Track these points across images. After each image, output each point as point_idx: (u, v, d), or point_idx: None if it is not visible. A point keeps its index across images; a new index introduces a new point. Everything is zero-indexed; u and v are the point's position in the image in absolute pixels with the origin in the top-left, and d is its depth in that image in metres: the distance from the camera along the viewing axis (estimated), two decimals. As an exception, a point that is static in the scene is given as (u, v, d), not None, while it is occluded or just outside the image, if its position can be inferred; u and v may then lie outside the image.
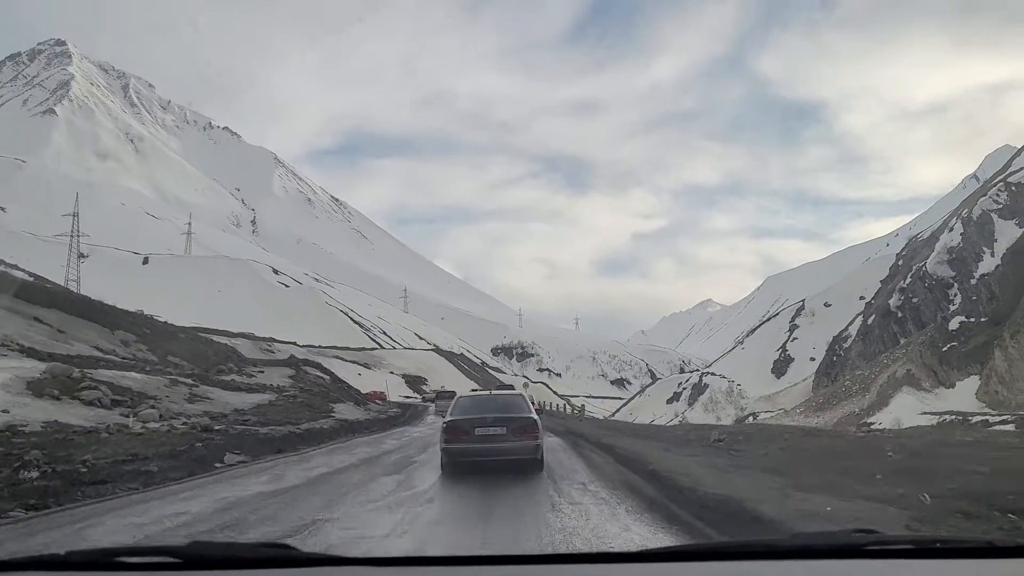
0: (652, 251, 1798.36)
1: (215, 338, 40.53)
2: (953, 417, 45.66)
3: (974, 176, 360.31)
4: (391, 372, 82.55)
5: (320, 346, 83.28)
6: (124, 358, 25.92)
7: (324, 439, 19.89)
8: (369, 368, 79.58)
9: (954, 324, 61.04)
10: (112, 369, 21.32)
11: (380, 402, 43.95)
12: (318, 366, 41.04)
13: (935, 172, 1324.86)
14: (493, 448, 12.32)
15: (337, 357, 77.57)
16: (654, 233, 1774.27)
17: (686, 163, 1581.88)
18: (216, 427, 15.26)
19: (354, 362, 79.44)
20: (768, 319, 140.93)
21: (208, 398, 20.90)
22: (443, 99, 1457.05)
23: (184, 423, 15.21)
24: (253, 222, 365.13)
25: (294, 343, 75.78)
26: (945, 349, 59.30)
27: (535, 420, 12.97)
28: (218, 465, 12.68)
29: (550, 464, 13.29)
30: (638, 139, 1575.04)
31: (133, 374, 21.25)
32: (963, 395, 54.59)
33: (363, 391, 58.81)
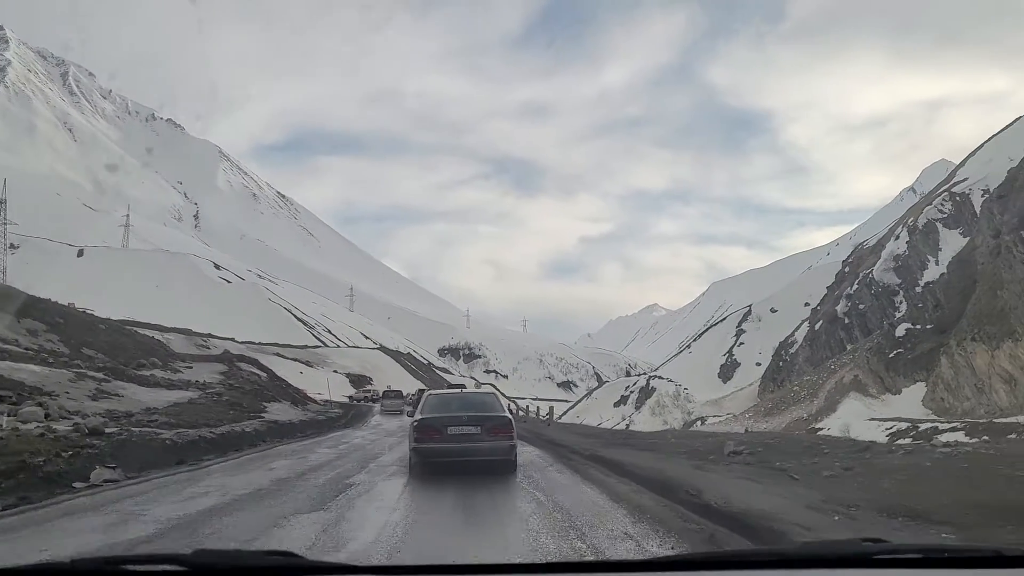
0: (599, 255, 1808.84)
1: (146, 332, 37.75)
2: (903, 424, 45.41)
3: (911, 189, 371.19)
4: (335, 371, 79.89)
5: (260, 343, 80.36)
6: (27, 348, 23.40)
7: (242, 446, 16.81)
8: (312, 366, 76.86)
9: (900, 331, 61.20)
10: (7, 360, 19.08)
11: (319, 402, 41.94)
12: (255, 363, 38.42)
13: (874, 184, 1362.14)
14: (467, 448, 12.01)
15: (278, 355, 74.71)
16: (601, 237, 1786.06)
17: (633, 169, 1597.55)
18: (108, 430, 12.76)
19: (295, 360, 76.56)
20: (715, 324, 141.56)
21: (118, 395, 18.71)
22: (393, 98, 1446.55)
23: (73, 425, 13.06)
24: (196, 216, 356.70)
25: (232, 339, 72.91)
26: (892, 355, 59.38)
27: (510, 419, 12.77)
28: (77, 486, 9.71)
29: (555, 495, 9.85)
30: (587, 144, 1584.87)
31: (31, 366, 18.99)
32: (909, 401, 54.62)
33: (307, 390, 56.46)
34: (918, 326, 60.68)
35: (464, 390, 16.66)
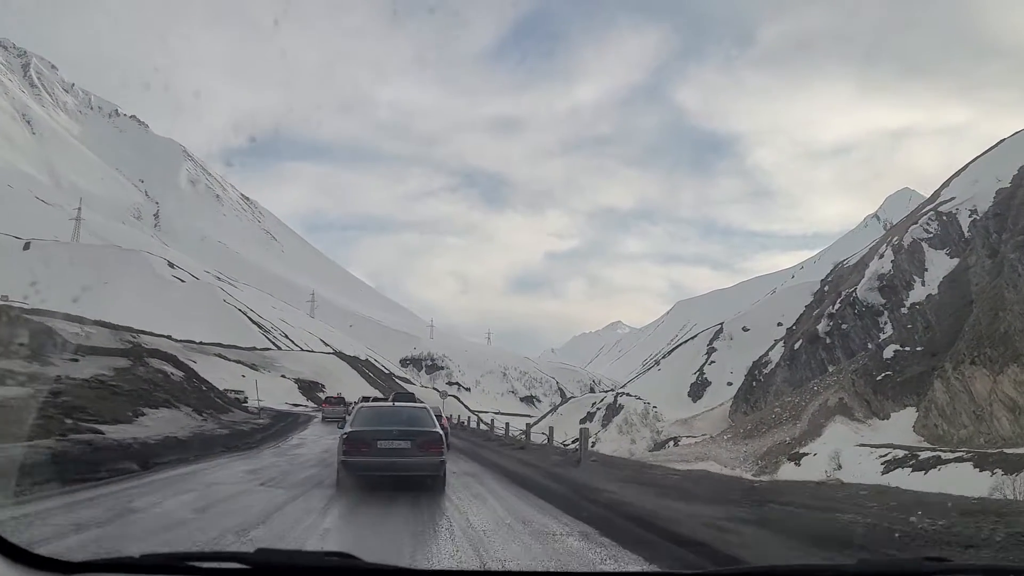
0: (565, 271, 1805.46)
1: (52, 322, 32.44)
2: (898, 452, 41.93)
3: (875, 216, 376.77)
4: (283, 376, 74.42)
5: (201, 343, 74.94)
6: None
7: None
8: (257, 370, 71.17)
9: (888, 352, 58.07)
10: None
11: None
12: (172, 360, 32.90)
13: (837, 210, 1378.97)
14: (396, 463, 11.95)
15: (220, 355, 69.17)
16: (567, 253, 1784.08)
17: (601, 186, 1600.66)
18: None
19: (239, 362, 70.64)
20: (685, 341, 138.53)
21: None
22: (364, 107, 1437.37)
23: None
24: (156, 216, 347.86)
25: (169, 337, 67.44)
26: (879, 378, 56.20)
27: (440, 435, 12.75)
28: None
29: None
30: (556, 160, 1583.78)
31: None
32: (899, 427, 51.35)
33: (246, 395, 50.95)
34: (907, 348, 57.62)
35: (397, 404, 16.07)
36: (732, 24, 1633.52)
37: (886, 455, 42.41)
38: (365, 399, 38.90)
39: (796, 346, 75.87)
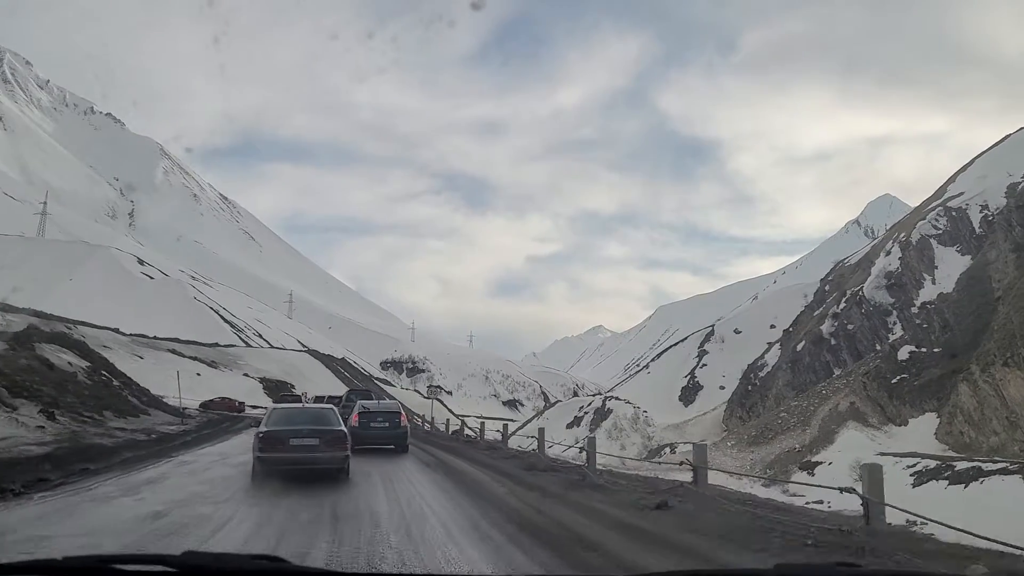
0: (546, 275, 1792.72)
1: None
2: (929, 461, 37.81)
3: (856, 221, 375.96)
4: (246, 374, 68.65)
5: (155, 337, 69.54)
6: None
7: None
8: (217, 368, 65.43)
9: (903, 354, 54.15)
10: None
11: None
12: (79, 347, 26.92)
13: (818, 216, 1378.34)
14: (307, 457, 12.97)
15: (174, 351, 63.45)
16: (549, 257, 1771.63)
17: (584, 190, 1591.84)
18: None
19: (196, 359, 64.66)
20: (675, 344, 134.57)
21: None
22: (345, 108, 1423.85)
23: None
24: (131, 214, 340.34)
25: (116, 330, 62.05)
26: (894, 382, 52.27)
27: (345, 433, 13.86)
28: None
29: None
30: (538, 164, 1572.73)
31: None
32: (919, 434, 47.31)
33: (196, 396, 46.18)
34: (923, 349, 53.73)
35: (306, 405, 18.57)
36: (714, 31, 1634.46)
37: (914, 465, 38.27)
38: (319, 398, 37.40)
39: (798, 348, 71.81)
